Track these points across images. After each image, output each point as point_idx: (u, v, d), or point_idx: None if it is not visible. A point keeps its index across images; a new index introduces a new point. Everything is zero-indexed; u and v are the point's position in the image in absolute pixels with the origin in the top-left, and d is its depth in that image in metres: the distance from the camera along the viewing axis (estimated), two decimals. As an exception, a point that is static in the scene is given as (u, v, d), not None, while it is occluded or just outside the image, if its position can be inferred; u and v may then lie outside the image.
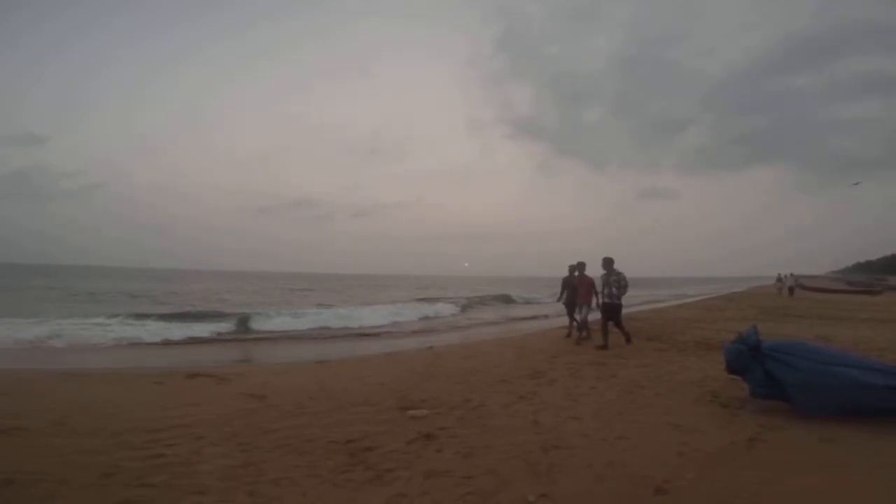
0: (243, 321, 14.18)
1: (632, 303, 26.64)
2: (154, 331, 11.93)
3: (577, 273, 9.39)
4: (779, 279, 28.72)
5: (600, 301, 8.51)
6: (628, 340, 8.43)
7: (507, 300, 29.60)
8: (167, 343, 10.75)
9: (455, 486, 2.87)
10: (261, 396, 4.90)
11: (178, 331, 12.00)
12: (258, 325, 14.08)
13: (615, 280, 8.09)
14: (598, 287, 8.67)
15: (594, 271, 8.69)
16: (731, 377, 4.94)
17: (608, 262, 8.17)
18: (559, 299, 10.05)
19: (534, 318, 18.26)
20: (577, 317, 9.27)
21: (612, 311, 8.18)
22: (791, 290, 25.98)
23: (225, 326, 13.48)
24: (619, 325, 8.33)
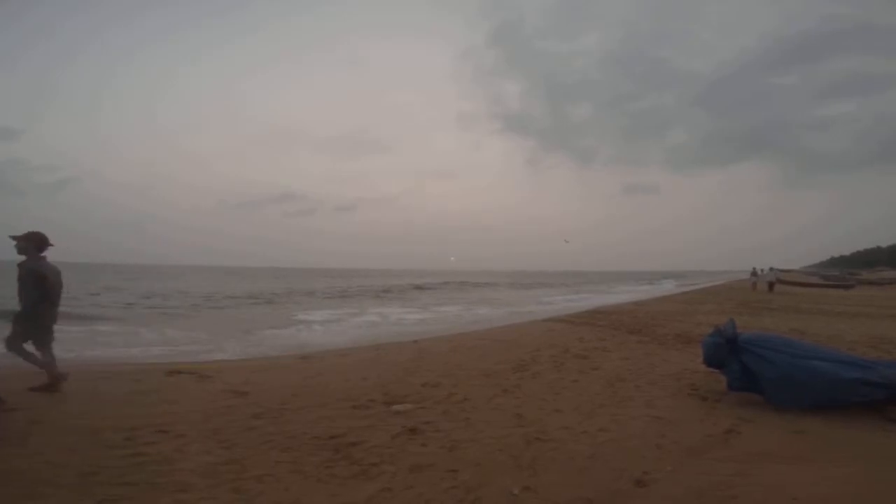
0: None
1: (610, 295, 27.14)
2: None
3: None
4: (754, 273, 28.10)
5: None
6: None
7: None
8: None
9: (440, 480, 2.89)
10: (243, 393, 4.85)
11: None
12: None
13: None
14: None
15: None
16: (710, 370, 5.06)
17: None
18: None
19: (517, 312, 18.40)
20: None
21: None
22: (771, 285, 25.40)
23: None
24: None
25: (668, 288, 38.36)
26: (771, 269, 28.02)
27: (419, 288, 32.23)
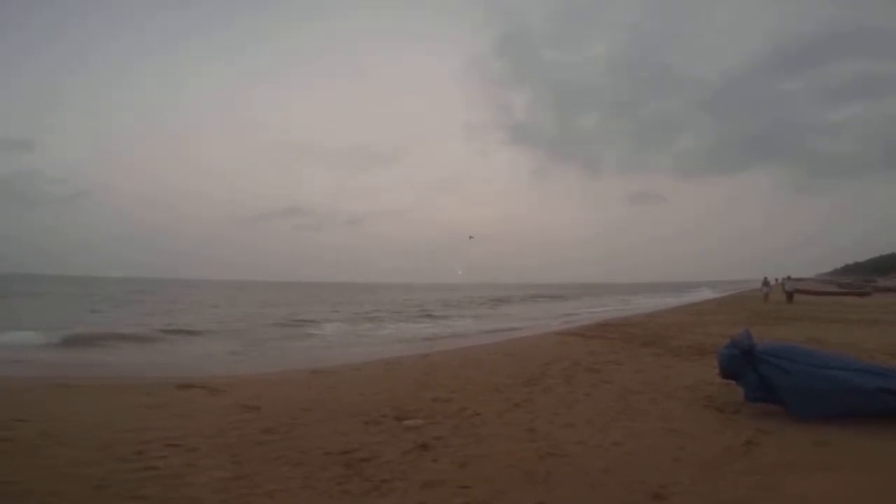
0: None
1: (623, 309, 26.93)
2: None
3: None
4: (766, 283, 26.54)
5: None
6: None
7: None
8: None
9: (451, 496, 2.85)
10: (254, 407, 4.85)
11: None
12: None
13: None
14: None
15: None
16: (726, 382, 4.97)
17: None
18: None
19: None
20: None
21: None
22: (790, 295, 24.06)
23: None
24: None
25: (704, 295, 39.17)
26: (788, 277, 26.39)
27: (428, 307, 31.94)
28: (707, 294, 43.25)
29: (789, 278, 26.38)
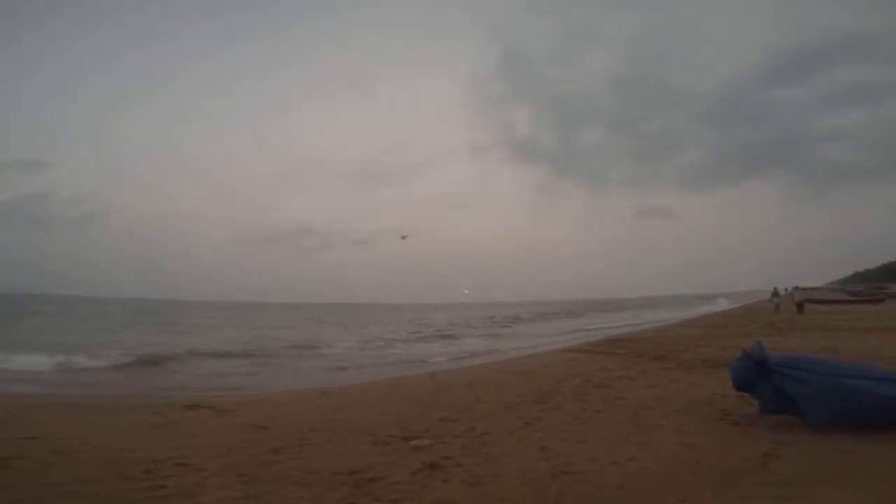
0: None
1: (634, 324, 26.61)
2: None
3: None
4: (776, 294, 25.79)
5: None
6: None
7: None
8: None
9: (463, 516, 2.79)
10: (263, 427, 4.83)
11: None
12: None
13: None
14: None
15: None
16: (740, 394, 4.88)
17: None
18: None
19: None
20: None
21: None
22: (800, 305, 23.13)
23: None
24: None
25: (720, 306, 39.28)
26: (796, 287, 25.75)
27: (437, 327, 31.74)
28: (724, 304, 42.93)
29: (797, 288, 25.66)
